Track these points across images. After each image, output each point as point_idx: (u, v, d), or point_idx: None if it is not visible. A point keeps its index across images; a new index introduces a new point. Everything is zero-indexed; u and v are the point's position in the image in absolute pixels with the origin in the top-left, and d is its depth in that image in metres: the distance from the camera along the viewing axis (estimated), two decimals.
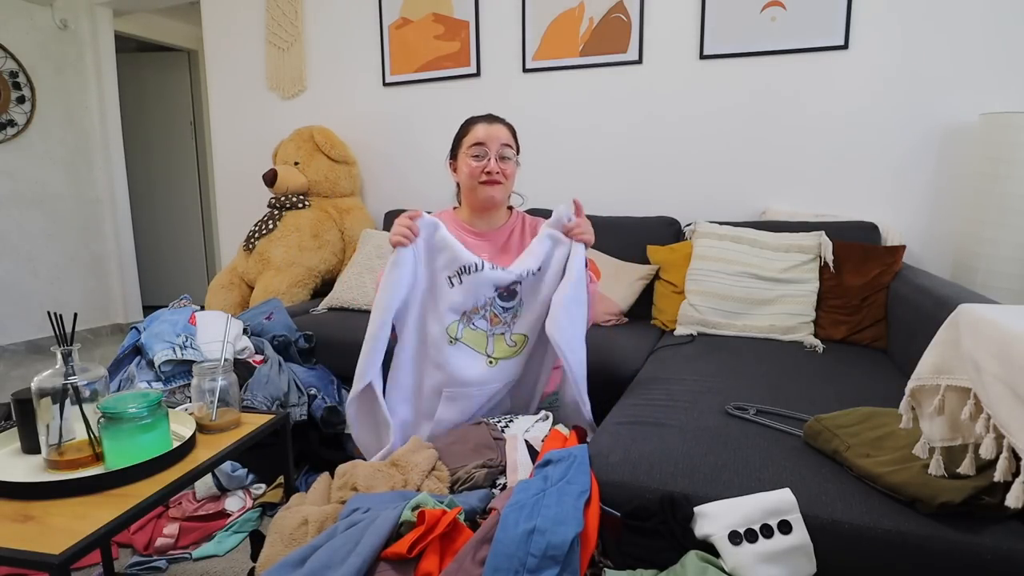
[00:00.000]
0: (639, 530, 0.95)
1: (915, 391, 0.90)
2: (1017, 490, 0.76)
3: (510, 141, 1.47)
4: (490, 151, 1.43)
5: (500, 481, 1.12)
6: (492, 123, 1.46)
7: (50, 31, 3.58)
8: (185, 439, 1.06)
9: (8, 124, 3.39)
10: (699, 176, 2.44)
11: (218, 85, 3.34)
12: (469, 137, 1.46)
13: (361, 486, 1.11)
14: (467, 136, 1.47)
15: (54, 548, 0.77)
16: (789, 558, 0.88)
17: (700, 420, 1.20)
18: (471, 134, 1.46)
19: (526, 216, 1.58)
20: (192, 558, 1.46)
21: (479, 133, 1.45)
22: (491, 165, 1.43)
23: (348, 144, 2.91)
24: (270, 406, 1.67)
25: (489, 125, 1.46)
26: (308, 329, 2.11)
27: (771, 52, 2.26)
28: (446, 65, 2.78)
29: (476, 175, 1.44)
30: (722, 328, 1.92)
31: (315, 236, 2.66)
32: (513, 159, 1.47)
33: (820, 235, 1.95)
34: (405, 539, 0.90)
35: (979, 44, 2.01)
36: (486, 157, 1.43)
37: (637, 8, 2.42)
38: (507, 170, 1.46)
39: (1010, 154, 1.79)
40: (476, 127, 1.46)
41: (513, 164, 1.47)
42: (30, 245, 3.56)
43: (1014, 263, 1.80)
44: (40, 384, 0.98)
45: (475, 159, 1.44)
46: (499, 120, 1.49)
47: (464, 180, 1.48)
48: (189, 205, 4.69)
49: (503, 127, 1.47)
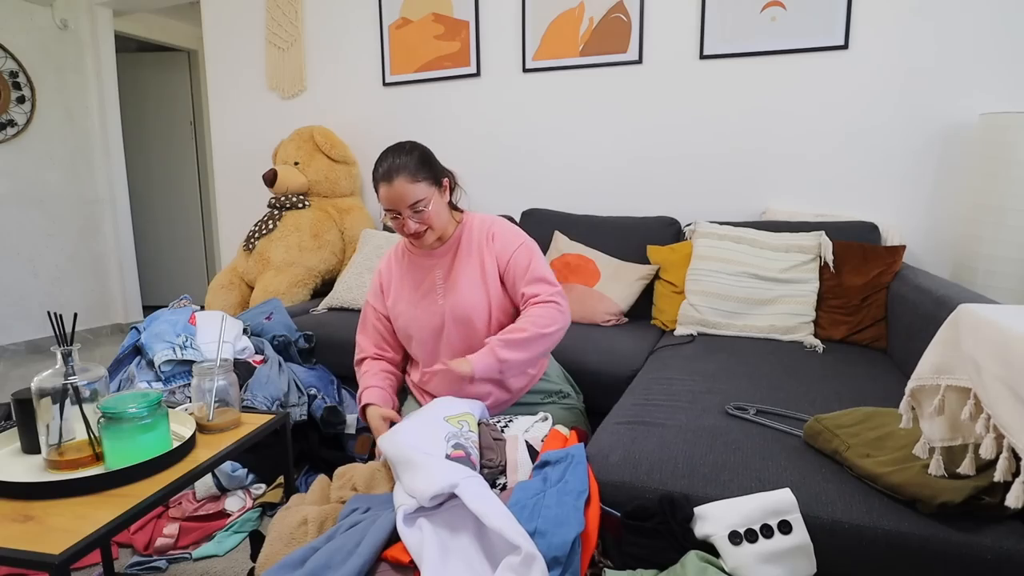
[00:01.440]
0: (639, 530, 0.95)
1: (915, 391, 0.90)
2: (1017, 490, 0.76)
3: (418, 192, 1.33)
4: (402, 214, 1.35)
5: (500, 481, 1.12)
6: (392, 181, 1.32)
7: (50, 31, 3.58)
8: (185, 439, 1.06)
9: (8, 124, 3.39)
10: (699, 176, 2.44)
11: (218, 85, 3.34)
12: (380, 198, 1.36)
13: (361, 486, 1.11)
14: (378, 195, 1.36)
15: (54, 548, 0.77)
16: (789, 558, 0.88)
17: (700, 420, 1.20)
18: (380, 195, 1.36)
19: (475, 221, 1.49)
20: (192, 558, 1.46)
21: (384, 196, 1.34)
22: (408, 227, 1.36)
23: (348, 144, 2.91)
24: (270, 406, 1.67)
25: (390, 186, 1.32)
26: (308, 329, 2.11)
27: (771, 52, 2.26)
28: (446, 65, 2.78)
29: (399, 232, 1.41)
30: (722, 328, 1.92)
31: (315, 236, 2.66)
32: (429, 205, 1.35)
33: (820, 235, 1.95)
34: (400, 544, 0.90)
35: (979, 44, 2.01)
36: (400, 218, 1.36)
37: (637, 8, 2.42)
38: (425, 218, 1.36)
39: (1010, 154, 1.79)
40: (380, 188, 1.35)
41: (432, 207, 1.36)
42: (30, 245, 3.56)
43: (1014, 263, 1.80)
44: (40, 384, 0.98)
45: (393, 220, 1.38)
46: (399, 171, 1.32)
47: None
48: (189, 205, 4.69)
49: (404, 181, 1.32)
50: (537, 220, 2.46)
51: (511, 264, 1.44)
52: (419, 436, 1.11)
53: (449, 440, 1.11)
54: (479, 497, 0.90)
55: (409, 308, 1.48)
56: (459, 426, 1.17)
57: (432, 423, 1.17)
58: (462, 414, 1.22)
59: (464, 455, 1.08)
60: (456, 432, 1.14)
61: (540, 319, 1.36)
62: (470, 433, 1.16)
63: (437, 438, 1.11)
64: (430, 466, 0.99)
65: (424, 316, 1.46)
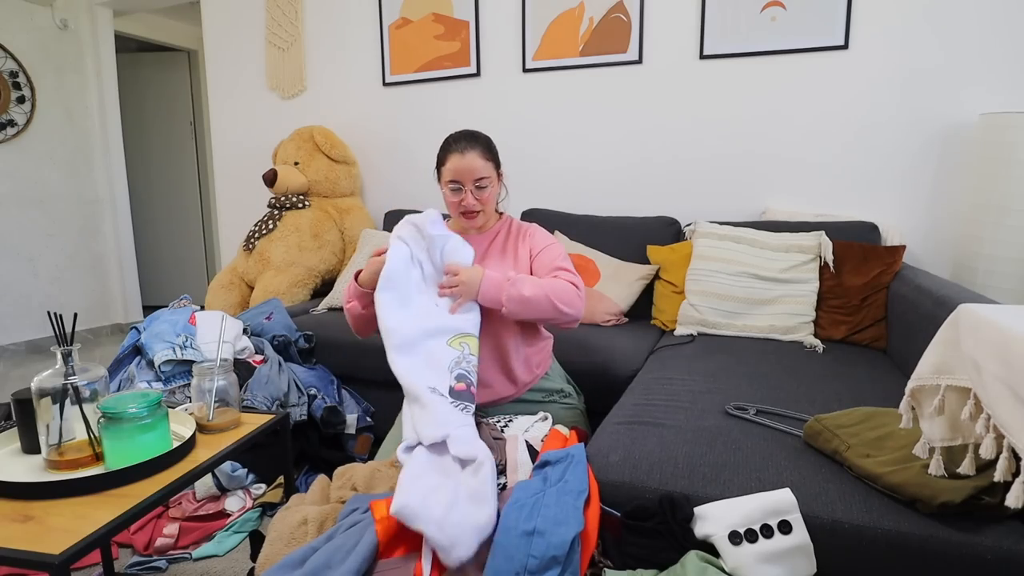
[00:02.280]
0: (639, 530, 0.95)
1: (915, 391, 0.90)
2: (1017, 490, 0.76)
3: (485, 170, 1.41)
4: (465, 186, 1.40)
5: (500, 481, 1.12)
6: (465, 153, 1.39)
7: (50, 31, 3.59)
8: (185, 439, 1.06)
9: (8, 124, 3.39)
10: (699, 176, 2.44)
11: (218, 85, 3.34)
12: (445, 170, 1.41)
13: (361, 486, 1.11)
14: (444, 167, 1.42)
15: (54, 548, 0.77)
16: (789, 558, 0.88)
17: (700, 420, 1.20)
18: (447, 166, 1.41)
19: (514, 221, 1.56)
20: (192, 558, 1.46)
21: (453, 167, 1.40)
22: (467, 201, 1.41)
23: (348, 144, 2.91)
24: (270, 406, 1.67)
25: (462, 156, 1.39)
26: (308, 329, 2.11)
27: (771, 52, 2.26)
28: (446, 65, 2.78)
29: (455, 207, 1.44)
30: (722, 328, 1.92)
31: (315, 236, 2.66)
32: (490, 186, 1.42)
33: (820, 235, 1.95)
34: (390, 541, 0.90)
35: (979, 44, 2.01)
36: (462, 192, 1.41)
37: (637, 8, 2.42)
38: (484, 198, 1.43)
39: (1010, 154, 1.79)
40: (450, 159, 1.40)
41: (490, 189, 1.43)
42: (30, 245, 3.57)
43: (1014, 263, 1.80)
44: (40, 384, 0.98)
45: (452, 192, 1.42)
46: (473, 146, 1.41)
47: (446, 204, 1.47)
48: (189, 205, 4.69)
49: (476, 155, 1.40)
50: (537, 220, 2.44)
51: (544, 252, 1.48)
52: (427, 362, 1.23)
53: (452, 370, 1.23)
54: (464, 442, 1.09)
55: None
56: (460, 348, 1.27)
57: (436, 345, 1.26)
58: (463, 335, 1.29)
59: (465, 388, 1.21)
60: (459, 357, 1.25)
61: (557, 286, 1.36)
62: (471, 356, 1.27)
63: (441, 367, 1.23)
64: (434, 411, 1.15)
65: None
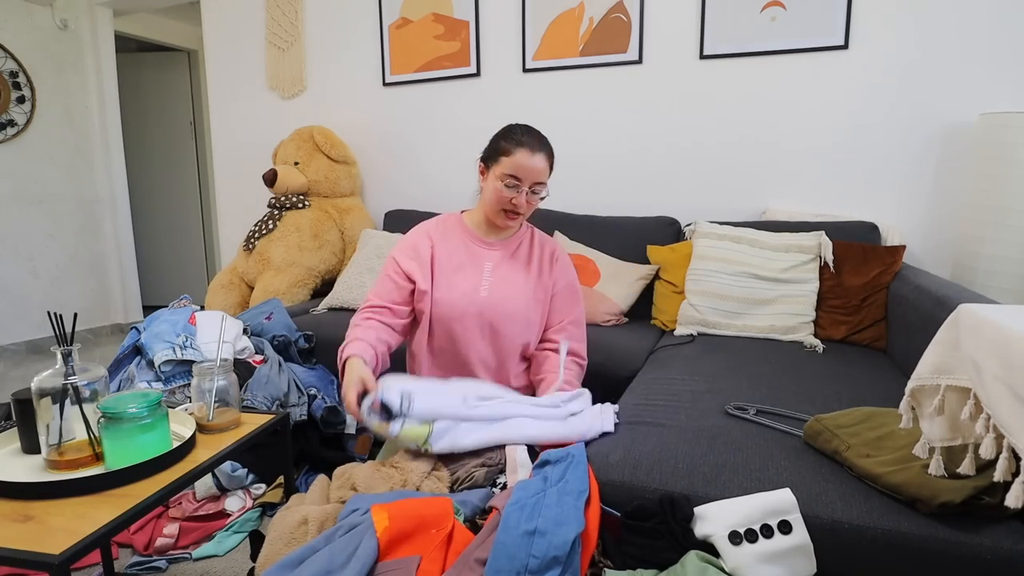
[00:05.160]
0: (639, 530, 0.95)
1: (915, 391, 0.90)
2: (1017, 490, 0.76)
3: (545, 177, 1.38)
4: (523, 186, 1.35)
5: (500, 480, 1.12)
6: (535, 153, 1.34)
7: (50, 31, 3.58)
8: (185, 439, 1.06)
9: (8, 124, 3.39)
10: (699, 176, 2.44)
11: (218, 85, 3.34)
12: (508, 161, 1.34)
13: (361, 486, 1.11)
14: (507, 157, 1.34)
15: (54, 548, 0.77)
16: (789, 558, 0.88)
17: (700, 420, 1.20)
18: (511, 159, 1.34)
19: (536, 232, 1.54)
20: (192, 558, 1.46)
21: (518, 163, 1.33)
22: (520, 200, 1.36)
23: (348, 144, 2.91)
24: (270, 406, 1.67)
25: (531, 155, 1.33)
26: (308, 329, 2.11)
27: (771, 52, 2.26)
28: (446, 65, 2.78)
29: (502, 202, 1.38)
30: (722, 328, 1.92)
31: (315, 236, 2.66)
32: (541, 193, 1.39)
33: (820, 235, 1.95)
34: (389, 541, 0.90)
35: (979, 44, 2.01)
36: (517, 190, 1.35)
37: (637, 8, 2.42)
38: (532, 203, 1.40)
39: (1010, 154, 1.79)
40: (518, 153, 1.33)
41: (539, 198, 1.40)
42: (30, 245, 3.56)
43: (1014, 263, 1.80)
44: (40, 384, 0.98)
45: (506, 188, 1.35)
46: (544, 147, 1.37)
47: (488, 195, 1.41)
48: (189, 205, 4.69)
49: (544, 159, 1.36)
50: (538, 220, 2.44)
51: (564, 296, 1.50)
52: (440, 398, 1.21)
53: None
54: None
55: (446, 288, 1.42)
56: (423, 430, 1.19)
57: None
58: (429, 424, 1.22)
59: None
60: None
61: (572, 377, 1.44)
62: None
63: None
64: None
65: (461, 302, 1.40)
